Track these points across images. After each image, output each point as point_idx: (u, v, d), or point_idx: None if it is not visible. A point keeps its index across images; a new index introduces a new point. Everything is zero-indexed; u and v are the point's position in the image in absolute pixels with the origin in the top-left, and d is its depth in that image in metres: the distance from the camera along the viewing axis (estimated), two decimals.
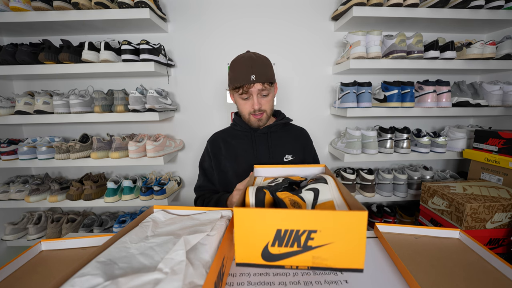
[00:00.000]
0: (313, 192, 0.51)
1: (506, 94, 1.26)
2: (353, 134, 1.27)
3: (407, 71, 1.36)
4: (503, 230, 0.87)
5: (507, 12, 1.21)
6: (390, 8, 1.18)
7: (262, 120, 0.88)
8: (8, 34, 1.36)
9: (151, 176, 1.44)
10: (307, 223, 0.37)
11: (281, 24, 1.40)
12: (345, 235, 0.37)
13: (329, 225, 0.37)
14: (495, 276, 0.48)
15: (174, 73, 1.44)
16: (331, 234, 0.37)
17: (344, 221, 0.37)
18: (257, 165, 0.70)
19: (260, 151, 0.92)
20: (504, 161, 1.02)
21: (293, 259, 0.39)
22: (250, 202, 0.48)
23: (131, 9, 1.15)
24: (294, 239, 0.38)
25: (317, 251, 0.38)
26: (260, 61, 0.81)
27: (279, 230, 0.38)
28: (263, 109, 0.85)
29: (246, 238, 0.39)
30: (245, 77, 0.78)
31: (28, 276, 0.48)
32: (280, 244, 0.38)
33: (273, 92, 0.88)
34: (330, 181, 0.55)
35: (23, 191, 1.32)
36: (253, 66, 0.79)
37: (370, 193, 1.34)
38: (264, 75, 0.80)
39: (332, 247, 0.38)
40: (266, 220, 0.38)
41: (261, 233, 0.38)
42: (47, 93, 1.29)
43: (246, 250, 0.39)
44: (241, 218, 0.38)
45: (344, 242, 0.37)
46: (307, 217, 0.37)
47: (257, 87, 0.80)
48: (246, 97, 0.84)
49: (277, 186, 0.55)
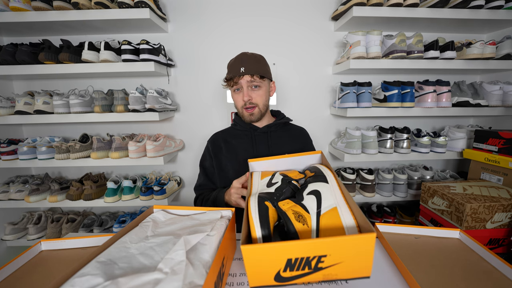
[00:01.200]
0: (315, 197, 0.50)
1: (506, 94, 1.26)
2: (353, 134, 1.27)
3: (407, 71, 1.36)
4: (503, 230, 0.87)
5: (507, 12, 1.21)
6: (390, 8, 1.18)
7: (254, 115, 0.89)
8: (8, 34, 1.36)
9: (151, 176, 1.44)
10: (316, 250, 0.38)
11: (281, 23, 1.40)
12: (354, 255, 0.38)
13: (338, 249, 0.38)
14: (495, 276, 0.48)
15: (174, 73, 1.44)
16: (341, 256, 0.38)
17: (353, 244, 0.37)
18: (251, 159, 0.70)
19: (260, 150, 0.92)
20: (504, 161, 1.02)
21: (304, 278, 0.40)
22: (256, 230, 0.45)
23: (131, 9, 1.15)
24: (305, 264, 0.39)
25: (328, 270, 0.39)
26: (252, 56, 0.84)
27: (290, 259, 0.38)
28: (254, 102, 0.86)
29: (257, 268, 0.39)
30: (235, 69, 0.82)
31: (28, 276, 0.48)
32: (291, 270, 0.39)
33: (266, 88, 0.89)
34: (329, 178, 0.54)
35: (23, 191, 1.32)
36: (243, 60, 0.82)
37: (370, 193, 1.34)
38: (253, 68, 0.82)
39: (342, 266, 0.39)
40: (275, 253, 0.38)
41: (272, 264, 0.39)
42: (47, 93, 1.29)
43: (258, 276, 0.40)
44: (249, 255, 0.38)
45: (353, 260, 0.38)
46: (317, 245, 0.37)
47: (246, 78, 0.83)
48: (237, 89, 0.86)
49: (277, 192, 0.54)
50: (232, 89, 0.88)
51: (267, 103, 0.93)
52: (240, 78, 0.83)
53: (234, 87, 0.87)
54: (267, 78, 0.89)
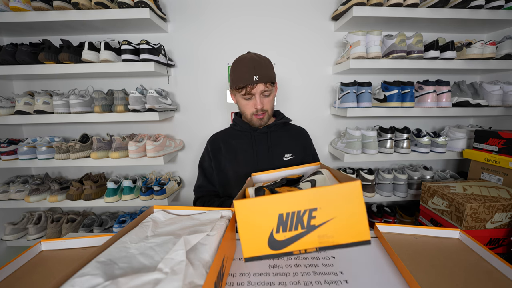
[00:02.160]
0: (310, 183, 0.53)
1: (506, 94, 1.26)
2: (353, 134, 1.27)
3: (407, 71, 1.35)
4: (503, 230, 0.87)
5: (507, 12, 1.21)
6: (390, 8, 1.18)
7: (263, 120, 0.89)
8: (8, 34, 1.36)
9: (151, 176, 1.44)
10: (306, 202, 0.39)
11: (281, 23, 1.40)
12: (344, 207, 0.39)
13: (327, 200, 0.39)
14: (495, 276, 0.48)
15: (174, 73, 1.44)
16: (331, 209, 0.39)
17: (340, 194, 0.38)
18: (254, 173, 0.72)
19: (260, 150, 0.92)
20: (504, 161, 1.02)
21: (299, 242, 0.40)
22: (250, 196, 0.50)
23: (131, 9, 1.15)
24: (297, 220, 0.39)
25: (321, 229, 0.39)
26: (262, 62, 0.82)
27: (281, 214, 0.39)
28: (265, 109, 0.87)
29: (251, 229, 0.40)
30: (248, 77, 0.79)
31: (28, 276, 0.48)
32: (284, 229, 0.40)
33: (274, 92, 0.89)
34: (325, 172, 0.57)
35: (23, 191, 1.32)
36: (255, 67, 0.80)
37: (370, 193, 1.34)
38: (266, 76, 0.81)
39: (335, 223, 0.39)
40: (267, 208, 0.39)
41: (264, 222, 0.40)
42: (47, 93, 1.29)
43: (253, 242, 0.40)
44: (242, 210, 0.39)
45: (345, 215, 0.39)
46: (305, 196, 0.39)
47: (259, 87, 0.81)
48: (248, 98, 0.85)
49: (275, 184, 0.57)
50: (243, 97, 0.85)
51: (274, 107, 0.94)
52: (253, 87, 0.81)
53: (247, 96, 0.84)
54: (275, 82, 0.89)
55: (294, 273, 0.48)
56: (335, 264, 0.51)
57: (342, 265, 0.51)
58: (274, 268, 0.50)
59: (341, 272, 0.49)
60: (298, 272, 0.48)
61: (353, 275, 0.48)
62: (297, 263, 0.52)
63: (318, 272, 0.48)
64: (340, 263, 0.51)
